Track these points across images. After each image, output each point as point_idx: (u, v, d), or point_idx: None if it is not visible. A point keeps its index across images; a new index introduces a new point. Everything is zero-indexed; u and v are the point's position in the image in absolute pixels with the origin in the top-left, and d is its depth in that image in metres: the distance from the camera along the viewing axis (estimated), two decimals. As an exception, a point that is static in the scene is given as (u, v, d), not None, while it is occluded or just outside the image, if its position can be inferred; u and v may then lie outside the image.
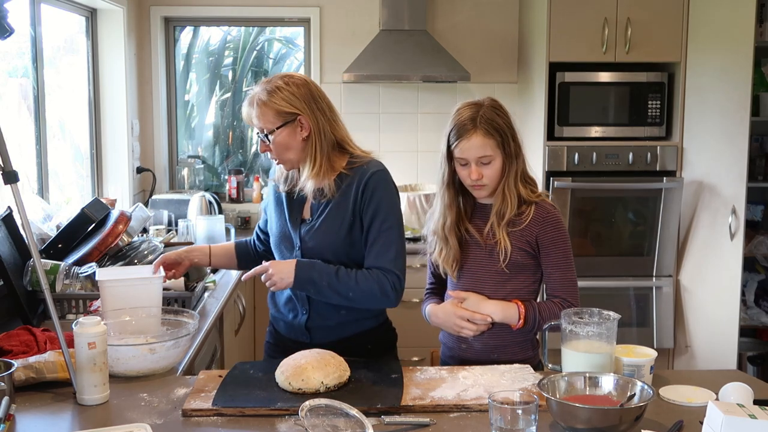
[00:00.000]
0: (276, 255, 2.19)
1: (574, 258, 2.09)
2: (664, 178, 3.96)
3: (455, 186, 2.11)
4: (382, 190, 2.05)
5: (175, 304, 2.53)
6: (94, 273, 2.61)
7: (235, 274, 3.30)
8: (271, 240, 2.21)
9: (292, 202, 2.15)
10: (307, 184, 2.06)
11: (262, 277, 2.03)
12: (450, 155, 2.06)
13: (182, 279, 2.63)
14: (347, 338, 2.10)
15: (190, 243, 3.51)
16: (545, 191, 2.27)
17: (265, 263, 2.04)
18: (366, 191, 2.04)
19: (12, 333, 2.07)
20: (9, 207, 2.60)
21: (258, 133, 2.08)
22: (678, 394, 1.76)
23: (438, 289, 2.24)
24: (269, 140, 2.04)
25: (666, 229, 4.00)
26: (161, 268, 2.23)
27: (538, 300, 2.13)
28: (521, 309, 2.02)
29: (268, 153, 2.09)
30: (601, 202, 4.04)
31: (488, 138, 2.00)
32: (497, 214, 2.05)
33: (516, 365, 1.96)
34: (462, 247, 2.11)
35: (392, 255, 2.04)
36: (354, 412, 1.55)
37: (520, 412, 1.47)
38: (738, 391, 1.68)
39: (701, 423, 1.48)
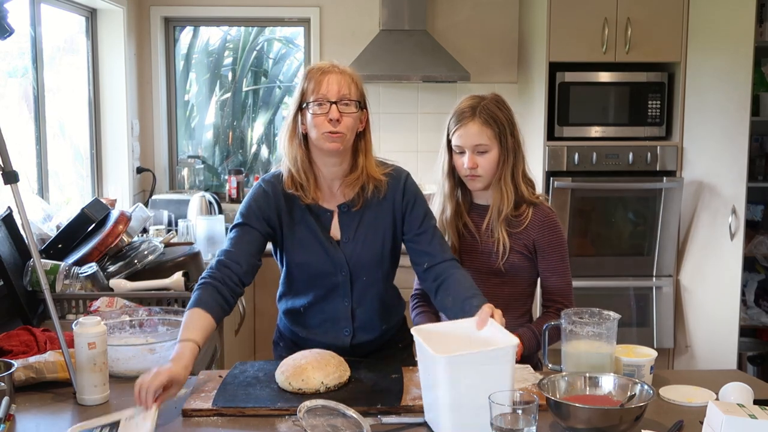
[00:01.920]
0: (315, 281, 2.03)
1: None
2: (664, 178, 3.96)
3: (454, 177, 2.11)
4: (418, 190, 2.08)
5: (175, 304, 2.53)
6: (93, 273, 2.61)
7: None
8: (306, 269, 2.03)
9: (320, 221, 2.01)
10: (345, 192, 2.00)
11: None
12: (449, 144, 2.06)
13: (182, 279, 2.63)
14: (384, 345, 2.07)
15: (191, 243, 3.51)
16: (544, 194, 2.28)
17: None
18: (407, 194, 2.03)
19: (12, 333, 2.07)
20: (9, 207, 2.60)
21: (331, 101, 1.91)
22: (678, 394, 1.76)
23: (426, 295, 2.14)
24: (349, 110, 1.92)
25: (666, 229, 4.00)
26: None
27: (534, 301, 2.13)
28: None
29: (326, 126, 1.91)
30: (601, 202, 4.04)
31: (486, 127, 2.00)
32: (496, 210, 2.05)
33: (516, 365, 1.95)
34: (459, 245, 2.11)
35: (448, 246, 2.06)
36: (351, 412, 1.55)
37: (520, 412, 1.47)
38: (738, 391, 1.68)
39: (701, 423, 1.48)
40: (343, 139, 1.92)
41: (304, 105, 1.94)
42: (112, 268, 2.72)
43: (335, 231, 2.02)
